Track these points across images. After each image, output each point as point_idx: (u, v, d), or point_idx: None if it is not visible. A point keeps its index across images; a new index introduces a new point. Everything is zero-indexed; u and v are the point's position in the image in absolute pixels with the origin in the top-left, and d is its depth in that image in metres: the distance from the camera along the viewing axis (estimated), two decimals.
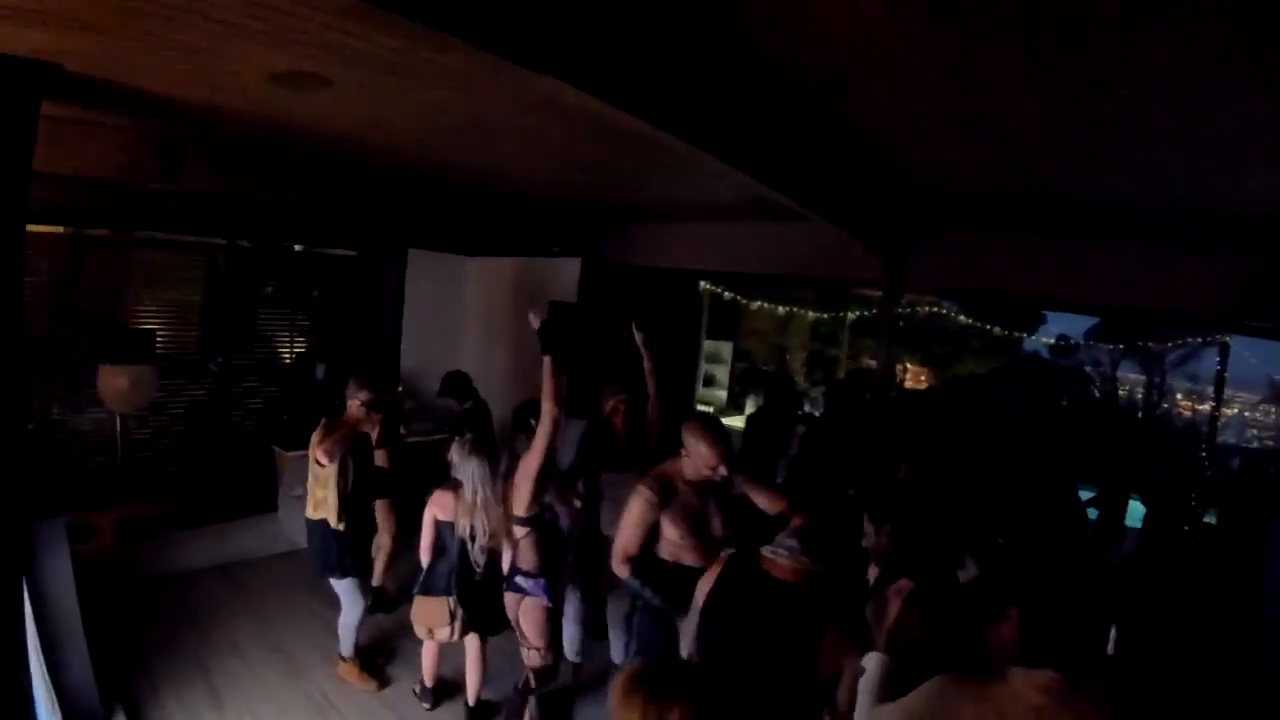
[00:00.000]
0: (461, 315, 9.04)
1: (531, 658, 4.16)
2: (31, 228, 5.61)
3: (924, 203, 5.62)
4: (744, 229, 7.63)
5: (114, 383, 5.98)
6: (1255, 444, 12.24)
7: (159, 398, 6.72)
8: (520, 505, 3.97)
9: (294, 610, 5.39)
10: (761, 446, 6.38)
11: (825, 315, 11.51)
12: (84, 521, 5.73)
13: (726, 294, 10.65)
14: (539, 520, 4.02)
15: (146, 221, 6.50)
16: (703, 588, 2.94)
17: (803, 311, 11.64)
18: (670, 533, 3.73)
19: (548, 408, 3.88)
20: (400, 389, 7.97)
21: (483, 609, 4.45)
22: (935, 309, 10.97)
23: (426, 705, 4.82)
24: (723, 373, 11.56)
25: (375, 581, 5.82)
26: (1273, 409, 12.40)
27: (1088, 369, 12.70)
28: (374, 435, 5.32)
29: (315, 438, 4.57)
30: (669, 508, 3.70)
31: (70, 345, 6.25)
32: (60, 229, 6.27)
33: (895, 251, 6.47)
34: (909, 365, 12.61)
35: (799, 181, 4.62)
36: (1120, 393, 12.90)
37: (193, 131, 5.23)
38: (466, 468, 4.32)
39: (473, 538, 4.31)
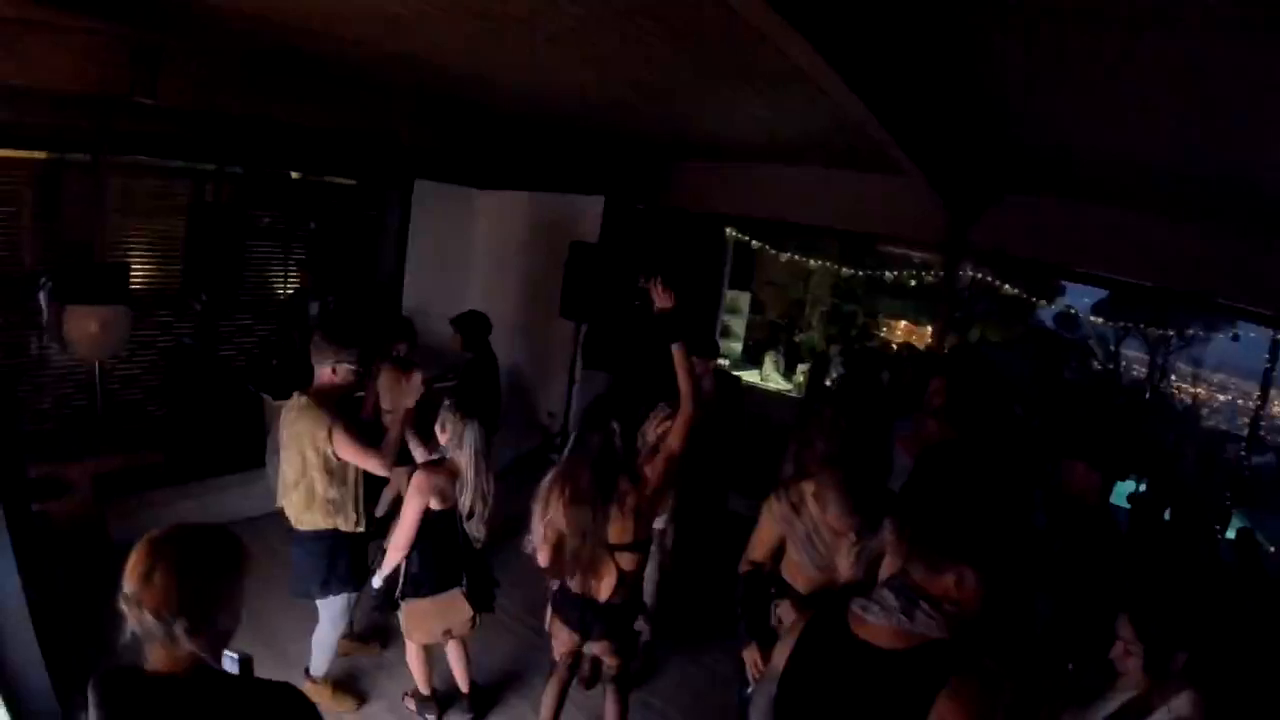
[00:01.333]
0: (469, 253, 8.40)
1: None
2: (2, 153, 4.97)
3: (1009, 158, 5.15)
4: (791, 175, 7.09)
5: (82, 325, 5.20)
6: None
7: (143, 337, 6.12)
8: (629, 531, 3.39)
9: (284, 587, 4.64)
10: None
11: (851, 271, 10.91)
12: (56, 475, 5.07)
13: (754, 243, 10.02)
14: (645, 545, 3.48)
15: (127, 145, 5.69)
16: (781, 652, 2.26)
17: (825, 264, 11.02)
18: (792, 551, 3.22)
19: (686, 405, 3.33)
20: None
21: (486, 586, 3.95)
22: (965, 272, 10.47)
23: (431, 716, 4.25)
24: (739, 324, 10.98)
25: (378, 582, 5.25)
26: None
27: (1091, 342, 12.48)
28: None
29: (328, 429, 3.77)
30: (790, 525, 3.17)
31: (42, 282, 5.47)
32: (35, 154, 5.50)
33: (964, 211, 5.92)
34: (918, 327, 12.13)
35: (900, 114, 4.11)
36: (1135, 373, 12.71)
37: (171, 36, 4.62)
38: (468, 436, 3.69)
39: (471, 514, 3.71)
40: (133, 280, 5.97)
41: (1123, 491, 7.14)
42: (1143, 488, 7.12)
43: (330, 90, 5.89)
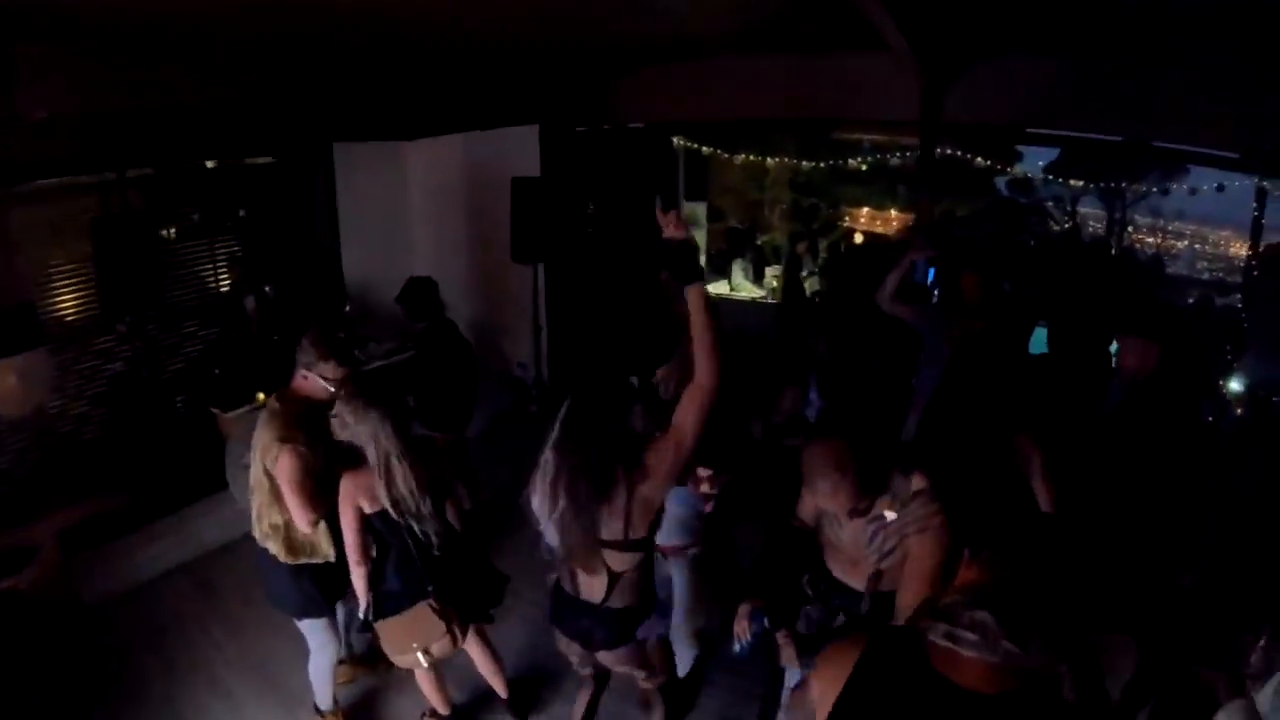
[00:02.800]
0: (408, 212, 7.88)
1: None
2: None
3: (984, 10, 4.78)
4: (736, 70, 6.70)
5: None
6: None
7: (86, 370, 5.74)
8: (619, 529, 2.72)
9: (268, 611, 4.22)
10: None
11: (809, 164, 10.55)
12: (19, 543, 4.56)
13: (705, 150, 9.57)
14: (649, 544, 2.86)
15: (17, 172, 5.10)
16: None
17: (779, 162, 10.64)
18: (824, 527, 2.84)
19: (705, 371, 2.54)
20: (347, 308, 6.83)
21: (467, 591, 3.43)
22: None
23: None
24: (699, 236, 10.47)
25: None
26: None
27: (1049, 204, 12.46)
28: None
29: (277, 445, 3.25)
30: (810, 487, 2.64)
31: None
32: None
33: (939, 78, 5.59)
34: (889, 211, 11.89)
35: None
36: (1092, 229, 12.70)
37: (22, 45, 4.08)
38: (364, 429, 3.09)
39: (414, 515, 3.16)
40: (59, 313, 5.58)
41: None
42: None
43: (217, 65, 5.31)
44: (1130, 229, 13.04)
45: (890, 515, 2.52)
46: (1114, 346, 6.52)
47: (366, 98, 6.61)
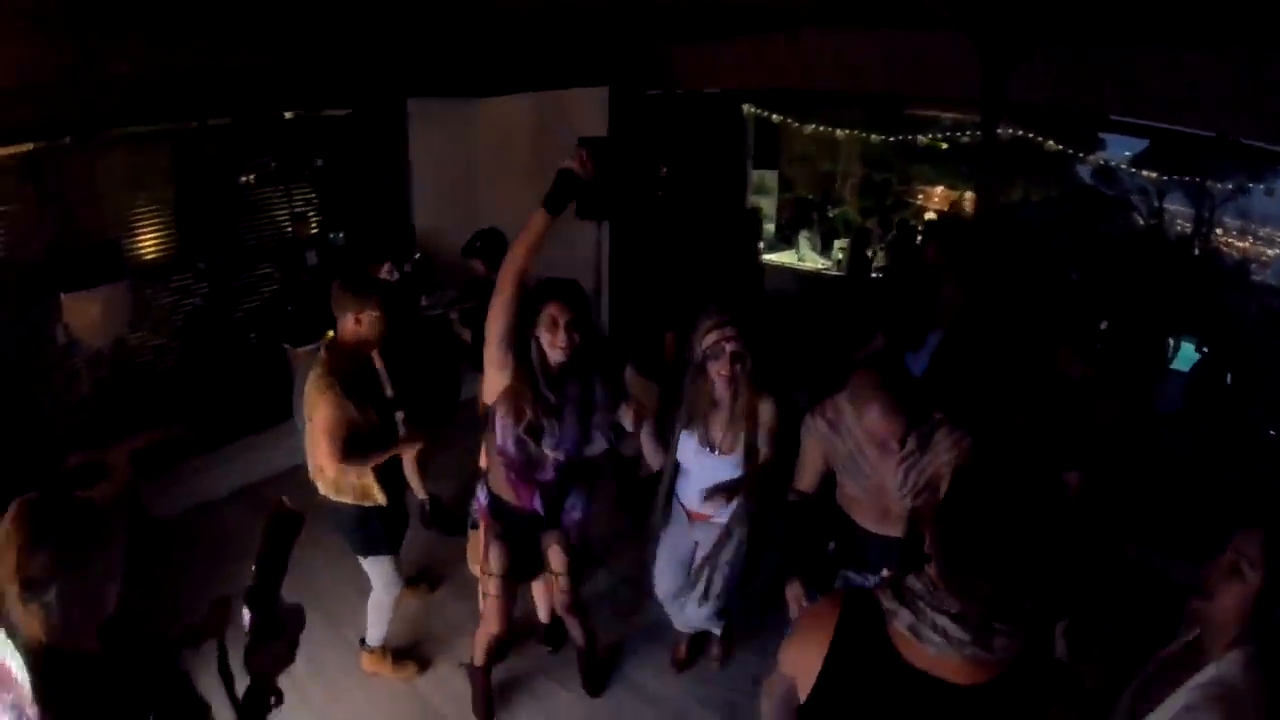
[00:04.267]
0: (477, 166, 8.02)
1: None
2: None
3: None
4: (807, 41, 6.59)
5: (82, 311, 5.05)
6: None
7: (166, 306, 6.07)
8: None
9: (328, 545, 4.42)
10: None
11: (880, 138, 10.40)
12: (95, 461, 4.89)
13: (774, 118, 9.52)
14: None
15: (106, 120, 5.39)
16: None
17: (849, 134, 10.51)
18: (843, 480, 2.91)
19: (516, 257, 2.92)
20: (416, 255, 7.03)
21: None
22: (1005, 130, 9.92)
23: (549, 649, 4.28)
24: (769, 205, 10.54)
25: (421, 493, 5.07)
26: None
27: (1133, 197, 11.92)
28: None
29: (320, 395, 3.40)
30: (830, 444, 2.85)
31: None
32: (21, 148, 5.19)
33: (1002, 60, 5.40)
34: (956, 192, 11.65)
35: None
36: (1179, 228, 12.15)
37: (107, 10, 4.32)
38: None
39: None
40: (142, 252, 5.86)
41: (1186, 357, 6.97)
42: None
43: (296, 22, 5.47)
44: (1219, 230, 12.49)
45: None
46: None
47: (440, 54, 6.73)
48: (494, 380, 3.02)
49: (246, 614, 1.91)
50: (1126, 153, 10.94)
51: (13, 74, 4.24)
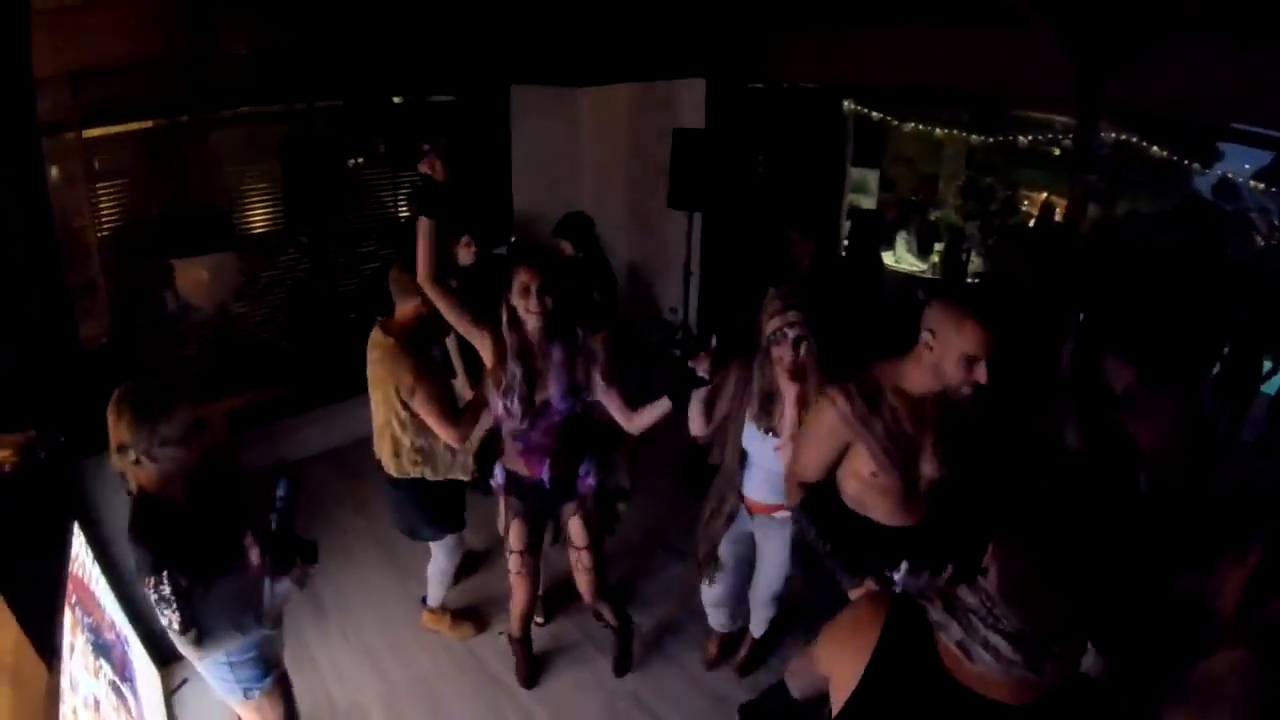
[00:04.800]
0: (575, 153, 8.20)
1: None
2: (97, 130, 5.17)
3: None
4: (901, 35, 6.51)
5: (192, 275, 5.48)
6: None
7: (271, 277, 6.37)
8: None
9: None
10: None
11: (982, 140, 10.17)
12: (197, 416, 5.28)
13: (874, 115, 9.40)
14: None
15: (220, 99, 5.73)
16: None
17: (952, 134, 10.30)
18: (862, 465, 2.65)
19: (421, 264, 3.06)
20: (514, 239, 7.23)
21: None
22: (1108, 134, 9.54)
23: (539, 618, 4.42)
24: (868, 204, 10.38)
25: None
26: None
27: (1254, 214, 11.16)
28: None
29: (411, 385, 3.50)
30: (868, 426, 2.60)
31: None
32: (140, 125, 5.56)
33: (1098, 63, 5.28)
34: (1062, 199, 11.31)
35: None
36: None
37: None
38: None
39: None
40: (251, 225, 6.21)
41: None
42: None
43: (404, 9, 5.83)
44: None
45: None
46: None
47: (543, 43, 6.99)
48: (486, 358, 3.21)
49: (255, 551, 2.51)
50: (1247, 166, 10.37)
51: (137, 54, 4.54)
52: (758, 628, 4.02)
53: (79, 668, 2.44)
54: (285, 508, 2.65)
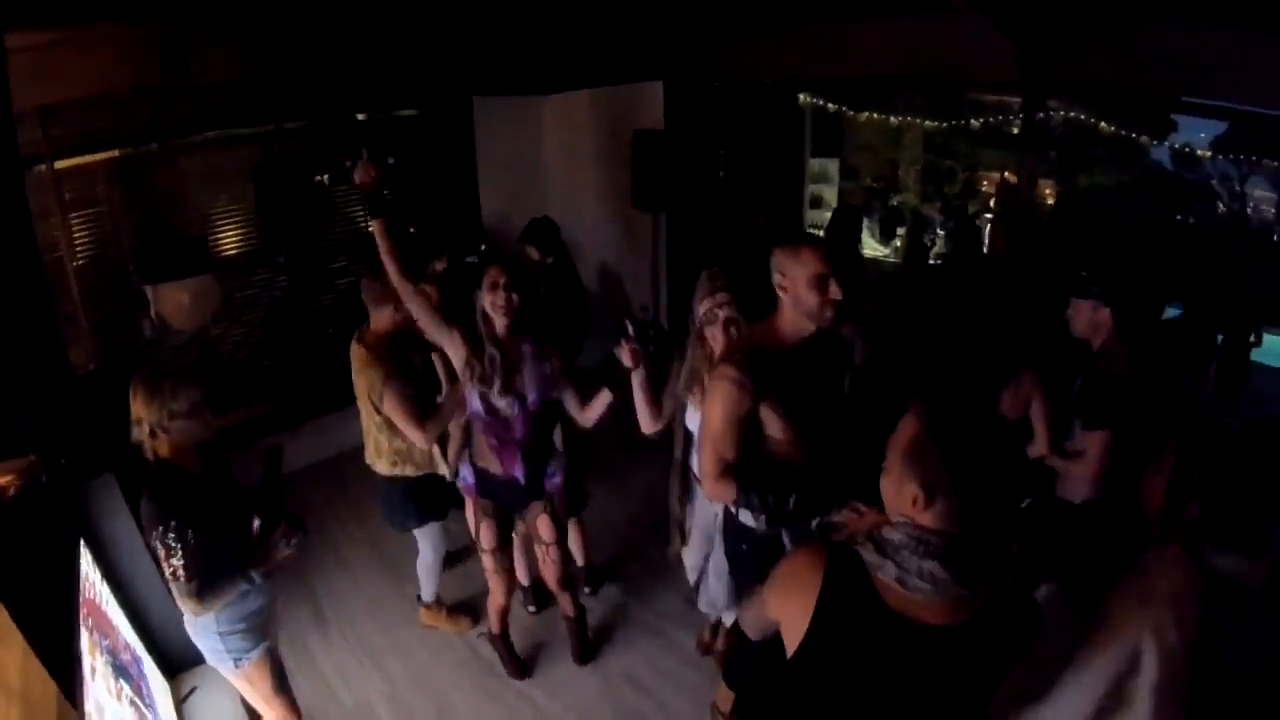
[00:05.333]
0: (541, 161, 8.31)
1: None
2: (69, 162, 5.31)
3: None
4: (851, 29, 6.69)
5: (173, 300, 5.55)
6: None
7: (247, 298, 6.51)
8: None
9: None
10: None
11: (940, 124, 10.38)
12: None
13: (830, 106, 9.60)
14: None
15: (188, 126, 5.93)
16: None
17: (915, 121, 10.51)
18: (773, 428, 2.63)
19: (387, 264, 3.27)
20: (484, 247, 7.36)
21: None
22: (1058, 112, 9.71)
23: (531, 607, 4.63)
24: (830, 193, 10.61)
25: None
26: None
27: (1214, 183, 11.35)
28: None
29: (380, 389, 3.72)
30: (766, 394, 2.55)
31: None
32: (109, 154, 5.71)
33: (1042, 47, 5.46)
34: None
35: None
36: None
37: (191, 26, 4.91)
38: None
39: None
40: (226, 247, 6.33)
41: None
42: None
43: (364, 29, 6.01)
44: None
45: None
46: None
47: (502, 54, 7.12)
48: (455, 356, 3.39)
49: (257, 521, 2.89)
50: (1203, 135, 10.56)
51: (108, 87, 4.66)
52: (729, 615, 4.00)
53: (102, 691, 2.58)
54: (272, 480, 2.99)
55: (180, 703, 3.76)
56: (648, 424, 3.55)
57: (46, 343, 3.56)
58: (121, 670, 2.98)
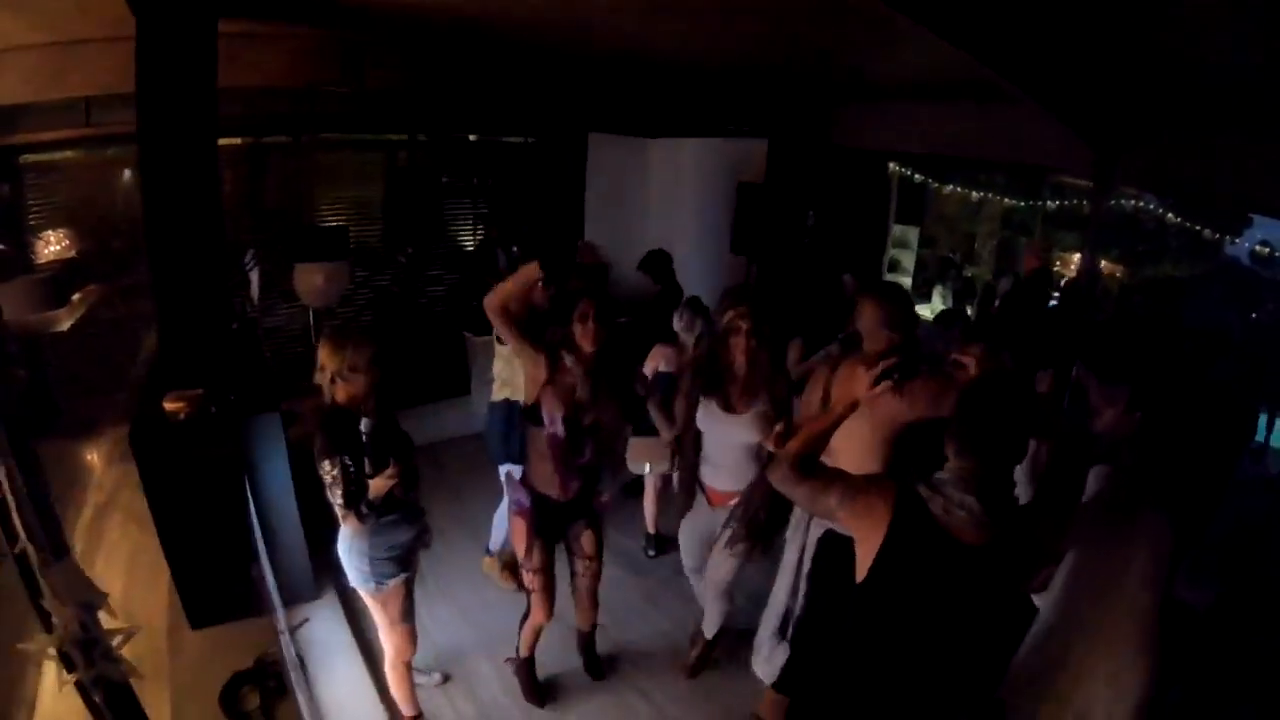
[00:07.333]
0: (644, 200, 8.77)
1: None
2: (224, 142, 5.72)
3: (1156, 92, 5.02)
4: (946, 110, 7.14)
5: (309, 279, 6.07)
6: None
7: (347, 289, 6.87)
8: None
9: (488, 491, 5.48)
10: None
11: (1019, 202, 10.77)
12: (290, 409, 5.93)
13: (916, 177, 10.11)
14: None
15: (327, 124, 6.51)
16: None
17: (995, 197, 10.92)
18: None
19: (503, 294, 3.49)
20: (526, 229, 7.98)
21: None
22: (1137, 202, 10.02)
23: (651, 552, 5.51)
24: (908, 259, 11.09)
25: None
26: None
27: None
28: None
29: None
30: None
31: (262, 247, 6.19)
32: (242, 140, 6.35)
33: (1110, 143, 5.77)
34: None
35: (1018, 61, 4.32)
36: None
37: (372, 33, 5.37)
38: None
39: None
40: (355, 238, 6.85)
41: None
42: None
43: (512, 60, 6.55)
44: None
45: None
46: None
47: (621, 99, 7.77)
48: (534, 379, 3.57)
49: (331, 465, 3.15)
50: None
51: (286, 78, 5.39)
52: (709, 626, 4.32)
53: None
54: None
55: (294, 630, 4.20)
56: (664, 431, 4.12)
57: (216, 297, 4.13)
58: None
